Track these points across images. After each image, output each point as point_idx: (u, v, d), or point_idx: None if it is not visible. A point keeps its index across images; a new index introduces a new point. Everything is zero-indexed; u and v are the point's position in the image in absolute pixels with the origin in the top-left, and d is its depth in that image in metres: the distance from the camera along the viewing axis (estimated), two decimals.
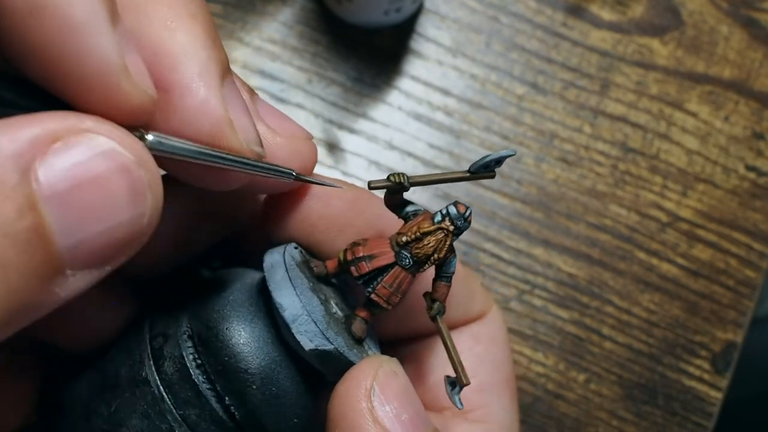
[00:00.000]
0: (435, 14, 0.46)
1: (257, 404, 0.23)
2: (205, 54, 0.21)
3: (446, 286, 0.24)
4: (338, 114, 0.44)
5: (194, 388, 0.23)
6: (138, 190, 0.17)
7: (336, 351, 0.23)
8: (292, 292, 0.23)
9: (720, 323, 0.44)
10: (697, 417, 0.43)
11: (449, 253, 0.24)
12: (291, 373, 0.23)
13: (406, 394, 0.22)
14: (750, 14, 0.47)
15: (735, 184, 0.46)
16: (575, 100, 0.46)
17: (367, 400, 0.21)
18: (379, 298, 0.23)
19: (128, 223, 0.17)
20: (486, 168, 0.24)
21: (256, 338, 0.23)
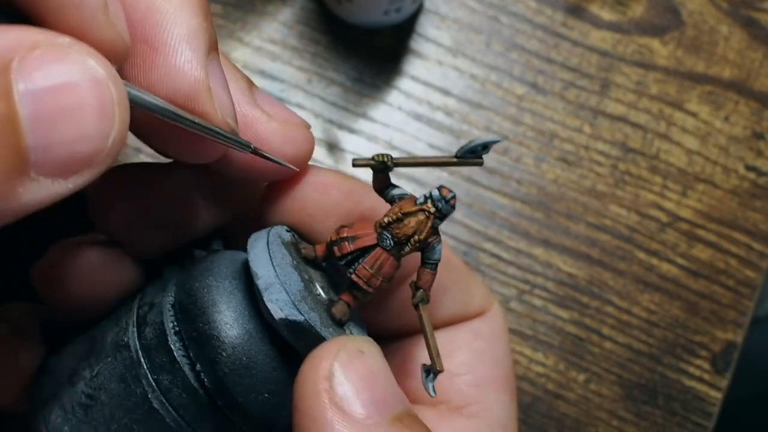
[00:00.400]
0: (435, 14, 0.46)
1: (226, 372, 0.23)
2: (195, 22, 0.22)
3: (430, 273, 0.24)
4: (338, 114, 0.44)
5: (169, 354, 0.23)
6: (106, 105, 0.18)
7: (306, 323, 0.22)
8: (269, 263, 0.23)
9: (720, 323, 0.44)
10: (697, 417, 0.43)
11: (432, 236, 0.23)
12: (265, 347, 0.23)
13: (371, 375, 0.21)
14: (750, 14, 0.47)
15: (735, 184, 0.46)
16: (575, 100, 0.46)
17: (325, 381, 0.21)
18: (359, 279, 0.23)
19: (94, 137, 0.18)
20: (472, 153, 0.24)
21: (232, 308, 0.24)
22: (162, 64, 0.21)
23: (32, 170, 0.17)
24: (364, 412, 0.20)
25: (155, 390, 0.23)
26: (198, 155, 0.23)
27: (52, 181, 0.18)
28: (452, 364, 0.28)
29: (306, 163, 0.26)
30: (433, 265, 0.24)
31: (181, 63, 0.21)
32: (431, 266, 0.24)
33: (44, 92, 0.17)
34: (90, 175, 0.18)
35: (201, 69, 0.22)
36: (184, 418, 0.23)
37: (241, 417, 0.23)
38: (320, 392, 0.20)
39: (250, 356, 0.23)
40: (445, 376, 0.28)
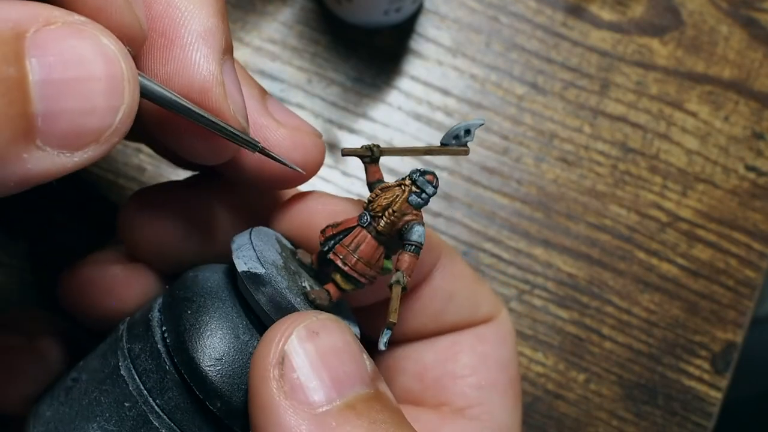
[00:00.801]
0: (435, 14, 0.46)
1: (186, 328, 0.22)
2: (213, 21, 0.22)
3: (410, 255, 0.23)
4: (338, 114, 0.44)
5: (146, 323, 0.23)
6: (117, 81, 0.18)
7: (266, 276, 0.22)
8: (247, 236, 0.23)
9: (720, 323, 0.44)
10: (697, 417, 0.43)
11: (409, 212, 0.23)
12: (232, 313, 0.23)
13: (324, 357, 0.20)
14: (750, 14, 0.47)
15: (735, 184, 0.46)
16: (575, 100, 0.46)
17: (276, 368, 0.20)
18: (335, 257, 0.23)
19: (102, 111, 0.18)
20: (456, 138, 0.23)
21: (213, 278, 0.24)
22: (178, 58, 0.21)
23: (38, 137, 0.17)
24: (316, 398, 0.20)
25: (126, 358, 0.23)
26: (207, 154, 0.23)
27: (58, 153, 0.18)
28: (456, 366, 0.28)
29: (315, 169, 0.26)
30: (413, 247, 0.23)
31: (196, 58, 0.21)
32: (410, 248, 0.23)
33: (55, 62, 0.17)
34: (96, 151, 0.18)
35: (216, 65, 0.22)
36: (146, 384, 0.23)
37: (197, 381, 0.22)
38: (270, 380, 0.20)
39: (211, 315, 0.23)
40: (449, 378, 0.28)
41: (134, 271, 0.26)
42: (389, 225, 0.23)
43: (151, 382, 0.22)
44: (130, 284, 0.26)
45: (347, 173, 0.44)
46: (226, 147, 0.23)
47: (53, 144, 0.18)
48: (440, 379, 0.28)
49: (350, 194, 0.43)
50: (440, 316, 0.28)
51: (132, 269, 0.26)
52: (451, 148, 0.24)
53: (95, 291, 0.26)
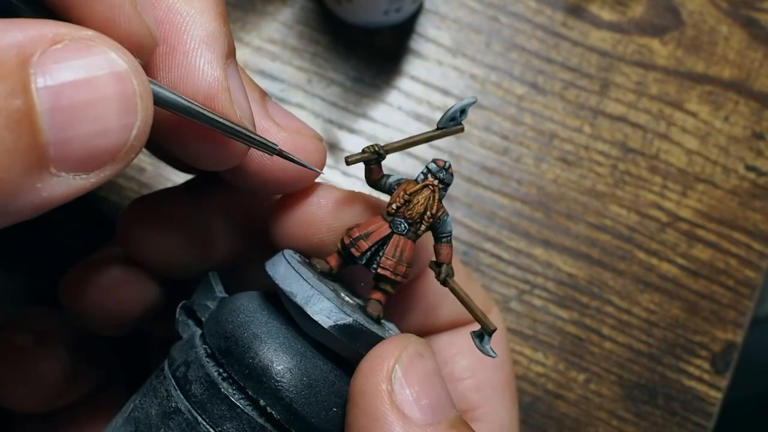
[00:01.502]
0: (435, 14, 0.46)
1: (293, 398, 0.22)
2: (215, 25, 0.22)
3: (448, 246, 0.24)
4: (338, 114, 0.44)
5: (226, 401, 0.22)
6: (129, 99, 0.18)
7: (356, 323, 0.22)
8: (299, 279, 0.23)
9: (720, 323, 0.44)
10: (697, 417, 0.43)
11: (441, 210, 0.24)
12: (319, 363, 0.23)
13: (429, 378, 0.21)
14: (750, 14, 0.47)
15: (735, 184, 0.46)
16: (575, 100, 0.46)
17: (387, 382, 0.21)
18: (385, 271, 0.23)
19: (116, 130, 0.18)
20: (452, 120, 0.24)
21: (274, 335, 0.23)
22: (181, 65, 0.21)
23: (52, 166, 0.17)
24: (422, 416, 0.20)
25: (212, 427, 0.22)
26: (217, 159, 0.23)
27: (74, 176, 0.18)
28: (454, 369, 0.28)
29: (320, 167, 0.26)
30: (448, 238, 0.24)
31: (200, 64, 0.21)
32: (447, 240, 0.24)
33: (64, 87, 0.17)
34: (113, 170, 0.18)
35: (220, 70, 0.22)
36: None
37: None
38: (383, 392, 0.20)
39: (308, 375, 0.22)
40: (448, 381, 0.28)
41: (134, 273, 0.26)
42: (428, 228, 0.24)
43: None
44: (130, 285, 0.26)
45: (347, 173, 0.44)
46: (236, 151, 0.23)
47: (68, 169, 0.17)
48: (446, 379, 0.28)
49: None
50: (435, 312, 0.28)
51: (132, 270, 0.26)
52: (449, 129, 0.24)
53: (95, 291, 0.26)
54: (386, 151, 0.24)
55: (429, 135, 0.24)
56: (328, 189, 0.26)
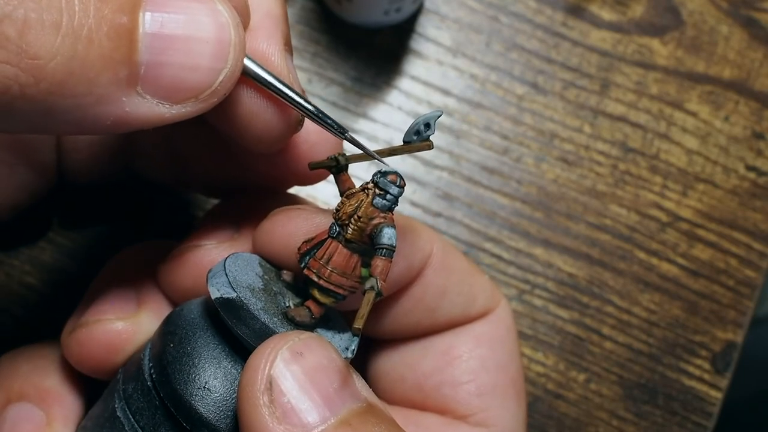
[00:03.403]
0: (435, 14, 0.46)
1: (170, 360, 0.22)
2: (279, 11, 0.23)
3: (383, 260, 0.22)
4: (338, 114, 0.44)
5: (137, 362, 0.24)
6: (224, 46, 0.19)
7: (238, 300, 0.22)
8: (221, 265, 0.23)
9: (720, 323, 0.44)
10: (697, 417, 0.43)
11: (376, 216, 0.22)
12: (213, 341, 0.23)
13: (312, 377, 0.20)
14: (750, 14, 0.47)
15: (735, 184, 0.46)
16: (575, 100, 0.46)
17: (264, 394, 0.20)
18: (309, 271, 0.23)
19: (206, 71, 0.19)
20: (417, 134, 0.23)
21: (190, 311, 0.24)
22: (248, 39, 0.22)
23: (140, 85, 0.18)
24: (310, 419, 0.20)
25: (121, 399, 0.23)
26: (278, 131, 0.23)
27: (157, 103, 0.19)
28: (455, 373, 0.28)
29: None
30: (383, 251, 0.22)
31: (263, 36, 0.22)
32: (381, 252, 0.22)
33: (169, 19, 0.18)
34: (194, 108, 0.19)
35: (280, 47, 0.23)
36: (139, 422, 0.23)
37: (183, 413, 0.22)
38: (260, 407, 0.20)
39: (193, 346, 0.23)
40: (449, 386, 0.27)
41: (135, 326, 0.26)
42: (357, 231, 0.22)
43: (144, 420, 0.23)
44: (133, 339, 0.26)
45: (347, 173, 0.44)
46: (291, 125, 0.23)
47: (153, 93, 0.19)
48: (440, 387, 0.27)
49: None
50: (434, 312, 0.28)
51: (133, 323, 0.26)
52: (414, 145, 0.23)
53: (99, 349, 0.25)
54: (347, 159, 0.24)
55: (392, 149, 0.24)
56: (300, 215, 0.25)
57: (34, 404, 0.26)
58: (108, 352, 0.25)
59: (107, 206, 0.40)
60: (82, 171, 0.30)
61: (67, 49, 0.17)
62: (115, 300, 0.26)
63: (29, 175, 0.29)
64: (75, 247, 0.40)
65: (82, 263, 0.40)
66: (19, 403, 0.26)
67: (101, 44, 0.17)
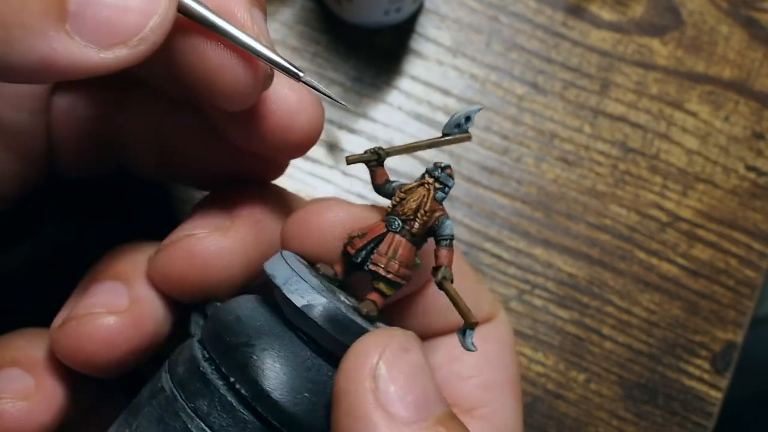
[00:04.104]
0: (435, 14, 0.46)
1: (260, 374, 0.22)
2: None
3: (447, 249, 0.23)
4: (338, 114, 0.44)
5: (202, 378, 0.23)
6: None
7: (331, 304, 0.22)
8: (284, 264, 0.23)
9: (720, 323, 0.44)
10: (697, 417, 0.43)
11: (438, 210, 0.23)
12: (295, 347, 0.23)
13: (415, 373, 0.21)
14: (750, 14, 0.47)
15: (735, 184, 0.46)
16: (575, 100, 0.46)
17: (371, 380, 0.20)
18: (377, 267, 0.23)
19: (136, 12, 0.19)
20: (458, 127, 0.24)
21: (258, 317, 0.23)
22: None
23: (69, 22, 0.18)
24: (407, 414, 0.20)
25: (194, 418, 0.22)
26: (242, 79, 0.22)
27: (85, 45, 0.18)
28: (461, 367, 0.28)
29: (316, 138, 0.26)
30: (447, 241, 0.24)
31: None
32: (446, 243, 0.24)
33: None
34: (123, 55, 0.19)
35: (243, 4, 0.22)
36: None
37: (288, 423, 0.22)
38: (366, 391, 0.20)
39: (282, 355, 0.22)
40: (455, 379, 0.28)
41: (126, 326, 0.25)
42: (422, 225, 0.23)
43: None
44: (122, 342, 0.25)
45: (347, 173, 0.44)
46: (260, 74, 0.22)
47: (81, 33, 0.18)
48: (447, 380, 0.28)
49: (350, 194, 0.43)
50: (445, 315, 0.28)
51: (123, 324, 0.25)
52: (454, 137, 0.24)
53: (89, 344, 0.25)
54: (387, 153, 0.24)
55: (433, 141, 0.24)
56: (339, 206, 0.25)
57: (24, 370, 0.26)
58: (99, 347, 0.25)
59: (98, 202, 0.39)
60: (71, 164, 0.30)
61: None
62: (106, 294, 0.26)
63: (17, 164, 0.28)
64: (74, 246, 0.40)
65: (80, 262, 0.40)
66: (11, 368, 0.26)
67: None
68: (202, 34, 0.21)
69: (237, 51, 0.22)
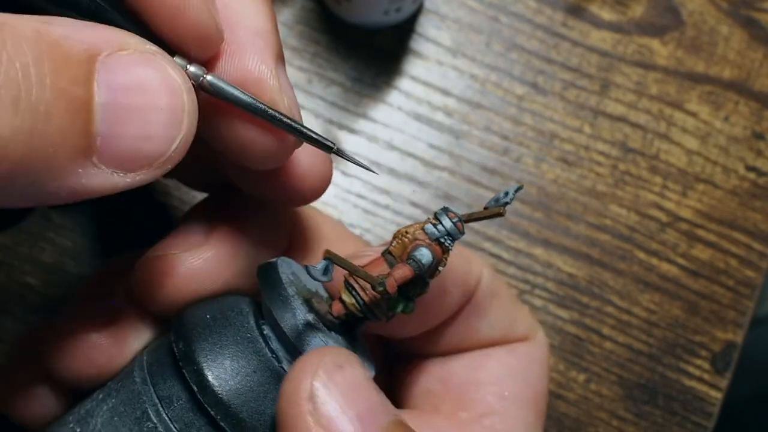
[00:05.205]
0: (435, 14, 0.46)
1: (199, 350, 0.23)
2: (268, 26, 0.23)
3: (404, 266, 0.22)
4: (338, 114, 0.44)
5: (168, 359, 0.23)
6: (177, 112, 0.19)
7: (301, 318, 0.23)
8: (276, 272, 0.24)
9: (720, 323, 0.44)
10: (697, 417, 0.43)
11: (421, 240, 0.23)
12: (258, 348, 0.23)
13: (353, 388, 0.21)
14: (750, 14, 0.47)
15: (735, 184, 0.46)
16: (575, 100, 0.46)
17: (307, 401, 0.20)
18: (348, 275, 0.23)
19: (160, 139, 0.19)
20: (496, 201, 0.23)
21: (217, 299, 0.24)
22: (234, 53, 0.22)
23: (95, 156, 0.18)
24: (351, 429, 0.20)
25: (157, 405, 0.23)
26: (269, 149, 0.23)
27: (112, 172, 0.19)
28: (482, 374, 0.28)
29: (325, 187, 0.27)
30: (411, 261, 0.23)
31: (252, 52, 0.22)
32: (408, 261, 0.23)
33: (122, 88, 0.18)
34: (149, 175, 0.19)
35: (271, 61, 0.22)
36: None
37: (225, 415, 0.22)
38: (305, 414, 0.20)
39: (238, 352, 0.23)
40: (472, 384, 0.28)
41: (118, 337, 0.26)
42: (400, 246, 0.23)
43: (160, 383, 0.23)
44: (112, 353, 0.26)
45: (347, 173, 0.44)
46: (286, 144, 0.23)
47: (108, 164, 0.19)
48: (464, 384, 0.28)
49: (350, 194, 0.44)
50: (477, 332, 0.28)
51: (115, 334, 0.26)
52: (487, 211, 0.23)
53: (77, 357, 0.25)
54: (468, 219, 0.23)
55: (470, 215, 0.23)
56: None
57: None
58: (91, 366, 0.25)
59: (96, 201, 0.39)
60: None
61: (27, 125, 0.17)
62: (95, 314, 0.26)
63: None
64: (75, 247, 0.40)
65: (82, 263, 0.40)
66: None
67: (60, 117, 0.17)
68: (232, 111, 0.22)
69: (266, 125, 0.22)
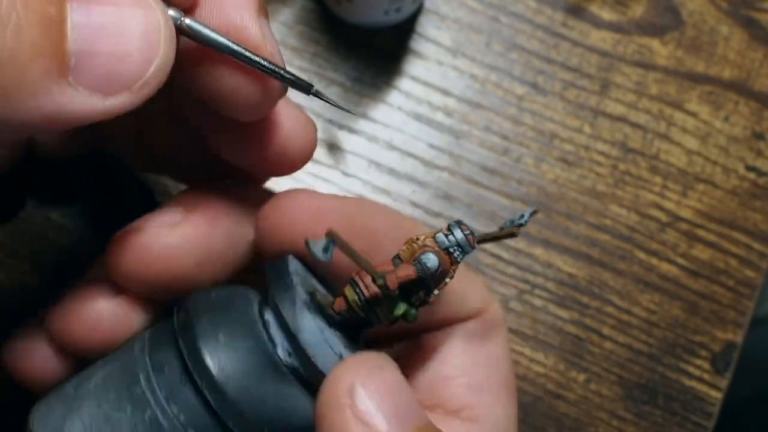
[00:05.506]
0: (435, 14, 0.46)
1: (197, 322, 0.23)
2: None
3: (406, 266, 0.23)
4: (338, 114, 0.44)
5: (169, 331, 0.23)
6: (152, 33, 0.19)
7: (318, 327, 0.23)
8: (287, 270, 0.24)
9: (720, 323, 0.44)
10: (697, 417, 0.43)
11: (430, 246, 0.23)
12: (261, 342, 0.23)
13: (392, 388, 0.21)
14: (750, 14, 0.47)
15: (735, 184, 0.46)
16: (575, 100, 0.46)
17: (347, 397, 0.21)
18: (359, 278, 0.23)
19: (136, 61, 0.19)
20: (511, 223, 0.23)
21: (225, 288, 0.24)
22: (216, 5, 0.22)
23: (71, 75, 0.18)
24: (386, 425, 0.20)
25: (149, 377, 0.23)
26: (254, 96, 0.23)
27: (89, 94, 0.19)
28: (447, 367, 0.28)
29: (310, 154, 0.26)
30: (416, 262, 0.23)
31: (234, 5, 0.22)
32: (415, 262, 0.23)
33: (95, 10, 0.18)
34: (127, 100, 0.19)
35: (253, 8, 0.22)
36: None
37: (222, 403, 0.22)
38: (343, 407, 0.20)
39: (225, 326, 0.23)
40: (440, 380, 0.28)
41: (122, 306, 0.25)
42: (408, 251, 0.23)
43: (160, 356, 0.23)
44: (117, 321, 0.25)
45: (347, 173, 0.44)
46: (271, 90, 0.23)
47: (85, 84, 0.19)
48: (432, 382, 0.27)
49: (350, 194, 0.44)
50: (426, 311, 0.28)
51: (119, 304, 0.25)
52: (501, 232, 0.23)
53: (81, 327, 0.25)
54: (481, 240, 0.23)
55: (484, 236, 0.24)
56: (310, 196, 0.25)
57: None
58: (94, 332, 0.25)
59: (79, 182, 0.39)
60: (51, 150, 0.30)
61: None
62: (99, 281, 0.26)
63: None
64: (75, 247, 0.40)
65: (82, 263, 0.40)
66: None
67: (30, 33, 0.17)
68: (214, 57, 0.22)
69: (250, 71, 0.22)
